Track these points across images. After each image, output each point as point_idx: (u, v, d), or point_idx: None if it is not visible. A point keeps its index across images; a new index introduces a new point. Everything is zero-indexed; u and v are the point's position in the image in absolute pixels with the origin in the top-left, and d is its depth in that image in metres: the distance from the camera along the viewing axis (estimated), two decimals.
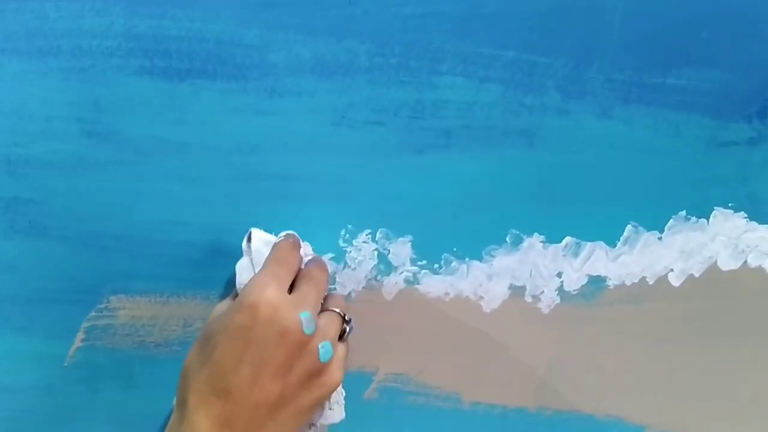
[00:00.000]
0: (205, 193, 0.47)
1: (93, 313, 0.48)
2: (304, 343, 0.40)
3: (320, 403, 0.43)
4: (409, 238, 0.47)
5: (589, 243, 0.47)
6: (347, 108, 0.46)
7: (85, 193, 0.47)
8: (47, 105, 0.46)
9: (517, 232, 0.47)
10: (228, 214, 0.47)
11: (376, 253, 0.48)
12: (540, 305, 0.48)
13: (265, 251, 0.45)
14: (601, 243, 0.47)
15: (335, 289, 0.48)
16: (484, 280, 0.48)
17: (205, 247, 0.48)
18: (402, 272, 0.48)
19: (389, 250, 0.48)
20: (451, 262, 0.47)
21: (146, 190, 0.47)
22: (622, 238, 0.47)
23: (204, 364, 0.40)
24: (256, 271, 0.44)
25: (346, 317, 0.44)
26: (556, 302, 0.48)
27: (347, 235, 0.47)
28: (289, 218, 0.47)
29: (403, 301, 0.48)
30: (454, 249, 0.47)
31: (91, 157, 0.47)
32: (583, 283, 0.48)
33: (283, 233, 0.46)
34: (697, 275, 0.48)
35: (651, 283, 0.48)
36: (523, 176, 0.46)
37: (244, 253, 0.46)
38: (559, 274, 0.48)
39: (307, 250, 0.46)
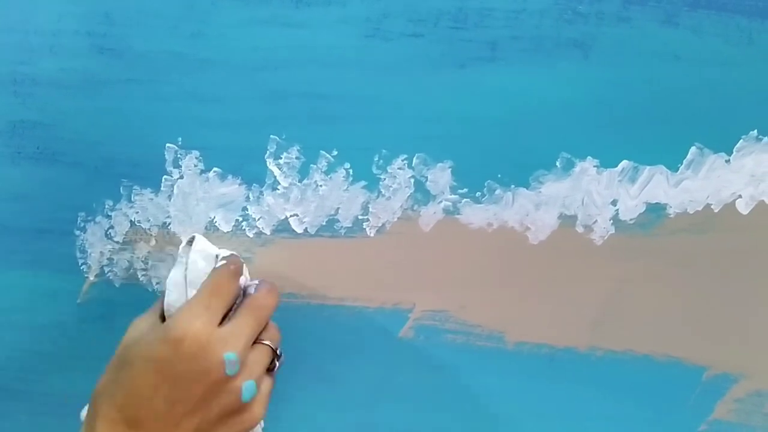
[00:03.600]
0: (225, 114, 0.46)
1: (108, 246, 0.48)
2: (225, 382, 0.41)
3: None
4: (449, 163, 0.46)
5: (648, 167, 0.46)
6: (382, 18, 0.45)
7: (97, 115, 0.47)
8: (55, 18, 0.46)
9: (569, 156, 0.46)
10: (251, 136, 0.46)
11: (412, 180, 0.47)
12: (593, 236, 0.47)
13: (202, 266, 0.44)
14: (662, 167, 0.46)
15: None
16: (531, 209, 0.46)
17: (227, 174, 0.46)
18: (441, 201, 0.47)
19: (427, 177, 0.47)
20: (494, 190, 0.46)
21: (162, 111, 0.46)
22: (685, 162, 0.45)
23: (117, 391, 0.40)
24: (188, 291, 0.44)
25: (278, 351, 0.44)
26: (610, 233, 0.46)
27: (381, 160, 0.46)
28: (318, 141, 0.46)
29: (442, 232, 0.47)
30: (499, 175, 0.46)
31: (103, 75, 0.46)
32: (641, 211, 0.46)
33: (227, 253, 0.45)
34: None
35: (716, 210, 0.46)
36: (577, 93, 0.45)
37: (178, 263, 0.45)
38: (614, 202, 0.46)
39: (246, 274, 0.45)
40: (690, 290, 0.47)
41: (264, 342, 0.44)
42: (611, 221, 0.46)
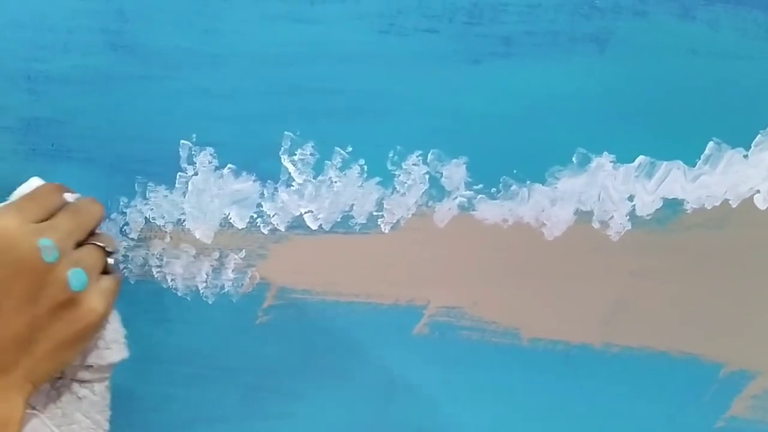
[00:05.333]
0: (240, 110, 0.47)
1: (123, 243, 0.48)
2: (46, 271, 0.39)
3: (82, 338, 0.42)
4: (464, 159, 0.46)
5: (665, 162, 0.46)
6: (396, 14, 0.45)
7: (111, 112, 0.47)
8: (68, 15, 0.46)
9: (585, 151, 0.46)
10: (265, 133, 0.47)
11: (427, 176, 0.47)
12: (609, 232, 0.47)
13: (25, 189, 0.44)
14: (679, 162, 0.46)
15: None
16: (547, 205, 0.47)
17: (242, 171, 0.47)
18: (456, 197, 0.47)
19: (442, 173, 0.47)
20: (510, 186, 0.46)
21: (177, 107, 0.47)
22: (702, 157, 0.46)
23: None
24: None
25: (108, 248, 0.43)
26: (626, 228, 0.47)
27: (395, 156, 0.47)
28: (332, 138, 0.47)
29: (456, 228, 0.47)
30: (514, 171, 0.47)
31: (117, 72, 0.47)
32: (658, 207, 0.46)
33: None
34: None
35: (734, 206, 0.46)
36: (592, 88, 0.45)
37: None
38: (631, 198, 0.46)
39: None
40: (707, 286, 0.48)
41: (93, 242, 0.43)
42: (628, 217, 0.47)
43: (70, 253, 0.41)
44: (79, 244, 0.43)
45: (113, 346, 0.45)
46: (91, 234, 0.44)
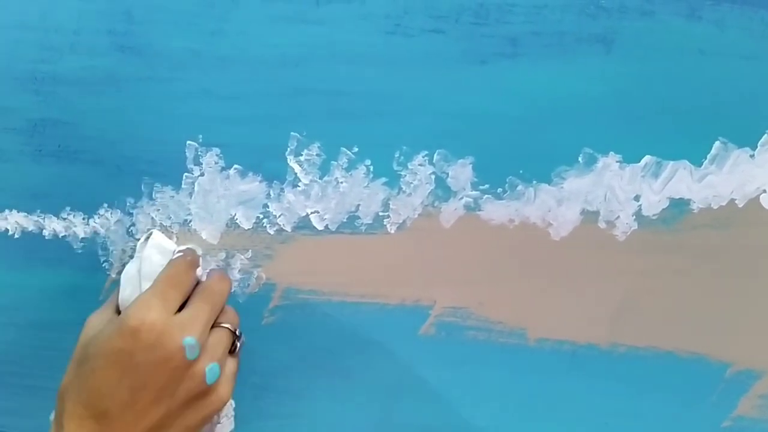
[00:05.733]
0: (246, 111, 0.47)
1: (129, 244, 0.48)
2: (187, 367, 0.41)
3: (207, 421, 0.44)
4: (470, 159, 0.47)
5: (671, 162, 0.46)
6: (402, 14, 0.45)
7: (118, 113, 0.47)
8: (75, 16, 0.47)
9: (591, 151, 0.46)
10: (271, 133, 0.47)
11: (433, 176, 0.47)
12: (615, 232, 0.47)
13: (157, 260, 0.45)
14: (685, 162, 0.46)
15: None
16: (553, 205, 0.47)
17: (248, 171, 0.47)
18: (462, 197, 0.47)
19: (448, 173, 0.47)
20: (516, 186, 0.46)
21: (183, 108, 0.47)
22: (709, 156, 0.46)
23: (81, 387, 0.41)
24: (142, 285, 0.44)
25: (237, 332, 0.45)
26: (633, 228, 0.47)
27: (401, 157, 0.47)
28: (338, 138, 0.47)
29: (463, 229, 0.48)
30: (520, 171, 0.47)
31: (123, 73, 0.47)
32: (664, 206, 0.46)
33: (183, 247, 0.47)
34: None
35: (741, 206, 0.46)
36: (599, 88, 0.45)
37: (134, 258, 0.46)
38: (637, 198, 0.46)
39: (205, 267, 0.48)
40: (714, 286, 0.47)
41: (222, 325, 0.44)
42: (634, 217, 0.47)
43: (207, 346, 0.43)
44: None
45: (224, 420, 0.47)
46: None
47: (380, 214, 0.48)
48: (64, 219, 0.49)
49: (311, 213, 0.48)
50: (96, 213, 0.49)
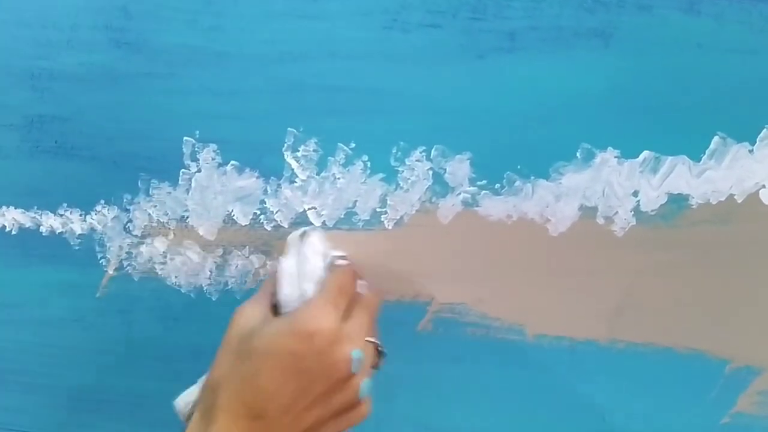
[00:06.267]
0: (243, 107, 0.47)
1: (126, 240, 0.48)
2: (348, 379, 0.41)
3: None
4: (468, 155, 0.46)
5: (669, 157, 0.45)
6: (400, 9, 0.45)
7: (115, 109, 0.47)
8: (72, 12, 0.47)
9: (589, 147, 0.46)
10: (268, 129, 0.47)
11: (431, 172, 0.47)
12: (613, 228, 0.47)
13: (314, 262, 0.45)
14: (684, 157, 0.45)
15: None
16: (552, 201, 0.46)
17: (245, 167, 0.47)
18: (460, 193, 0.47)
19: (446, 169, 0.47)
20: (514, 182, 0.46)
21: (180, 104, 0.47)
22: (707, 151, 0.45)
23: (244, 384, 0.40)
24: (302, 285, 0.44)
25: (382, 349, 0.45)
26: (631, 224, 0.46)
27: (399, 152, 0.47)
28: (335, 134, 0.47)
29: (460, 225, 0.47)
30: (518, 167, 0.46)
31: (121, 69, 0.47)
32: (663, 202, 0.46)
33: (339, 253, 0.46)
34: None
35: (740, 201, 0.46)
36: (597, 83, 0.45)
37: (290, 252, 0.45)
38: (636, 193, 0.46)
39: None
40: (713, 282, 0.47)
41: (371, 340, 0.44)
42: (632, 212, 0.46)
43: (364, 359, 0.42)
44: None
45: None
46: None
47: (378, 210, 0.48)
48: (61, 215, 0.49)
49: (308, 209, 0.48)
50: (93, 209, 0.49)
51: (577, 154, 0.46)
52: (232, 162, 0.47)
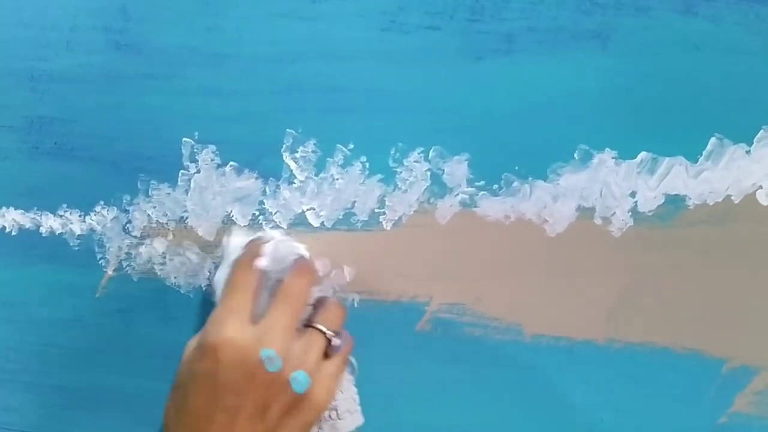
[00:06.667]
0: (242, 107, 0.47)
1: (126, 241, 0.48)
2: (272, 379, 0.40)
3: (312, 425, 0.43)
4: (466, 156, 0.46)
5: (667, 158, 0.46)
6: (398, 11, 0.45)
7: (114, 110, 0.47)
8: (71, 14, 0.47)
9: (587, 148, 0.46)
10: (267, 130, 0.47)
11: (429, 173, 0.47)
12: (611, 228, 0.47)
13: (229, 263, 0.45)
14: (681, 158, 0.46)
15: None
16: (549, 202, 0.46)
17: (244, 168, 0.47)
18: (458, 194, 0.47)
19: (444, 170, 0.47)
20: (512, 182, 0.46)
21: (179, 105, 0.47)
22: (704, 152, 0.45)
23: (179, 413, 0.41)
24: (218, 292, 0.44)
25: (328, 333, 0.43)
26: (629, 225, 0.47)
27: (397, 153, 0.47)
28: (334, 135, 0.47)
29: (458, 225, 0.47)
30: (516, 167, 0.46)
31: (120, 70, 0.47)
32: (660, 203, 0.46)
33: (252, 237, 0.45)
34: None
35: (737, 202, 0.46)
36: (594, 84, 0.45)
37: (222, 259, 0.45)
38: (633, 194, 0.46)
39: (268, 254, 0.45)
40: (710, 282, 0.47)
41: (314, 326, 0.43)
42: (630, 213, 0.46)
43: (290, 353, 0.41)
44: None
45: (346, 416, 0.45)
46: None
47: (376, 210, 0.48)
48: (61, 216, 0.49)
49: (307, 210, 0.48)
50: (92, 210, 0.49)
51: (575, 155, 0.46)
52: (231, 163, 0.47)
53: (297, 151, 0.47)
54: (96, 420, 0.51)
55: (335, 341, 0.43)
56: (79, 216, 0.49)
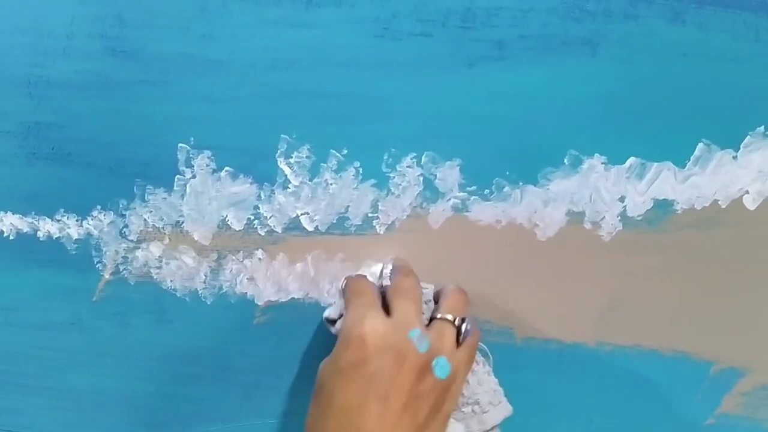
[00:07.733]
0: (237, 113, 0.47)
1: (122, 245, 0.49)
2: (425, 364, 0.39)
3: (449, 416, 0.42)
4: (458, 161, 0.47)
5: (655, 163, 0.46)
6: (391, 18, 0.45)
7: (110, 116, 0.47)
8: (68, 21, 0.47)
9: (576, 153, 0.46)
10: (262, 136, 0.47)
11: (421, 178, 0.47)
12: (600, 232, 0.47)
13: None
14: (669, 163, 0.46)
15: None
16: (540, 206, 0.47)
17: (239, 173, 0.47)
18: (450, 199, 0.47)
19: (436, 175, 0.47)
20: (503, 187, 0.47)
21: (175, 111, 0.47)
22: (692, 158, 0.46)
23: (326, 414, 0.39)
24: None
25: (457, 320, 0.42)
26: (618, 229, 0.47)
27: (390, 159, 0.47)
28: (328, 140, 0.47)
29: (450, 230, 0.48)
30: (507, 172, 0.47)
31: (116, 77, 0.47)
32: (649, 207, 0.47)
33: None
34: None
35: (724, 206, 0.46)
36: (584, 90, 0.45)
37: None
38: (622, 198, 0.47)
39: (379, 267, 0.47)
40: (697, 286, 0.48)
41: (442, 317, 0.42)
42: (619, 217, 0.47)
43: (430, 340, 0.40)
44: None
45: (490, 408, 0.44)
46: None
47: (369, 215, 0.48)
48: (58, 221, 0.50)
49: (301, 214, 0.48)
50: (89, 215, 0.49)
51: (565, 161, 0.46)
52: (227, 168, 0.48)
53: (291, 157, 0.47)
54: (93, 422, 0.51)
55: (467, 325, 0.42)
56: (77, 220, 0.49)
